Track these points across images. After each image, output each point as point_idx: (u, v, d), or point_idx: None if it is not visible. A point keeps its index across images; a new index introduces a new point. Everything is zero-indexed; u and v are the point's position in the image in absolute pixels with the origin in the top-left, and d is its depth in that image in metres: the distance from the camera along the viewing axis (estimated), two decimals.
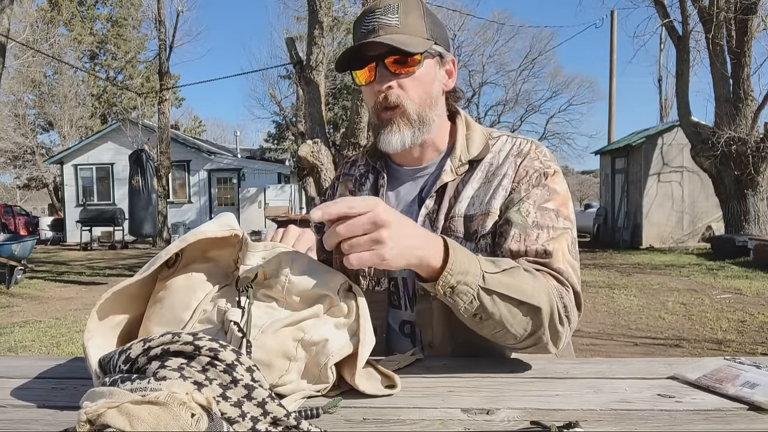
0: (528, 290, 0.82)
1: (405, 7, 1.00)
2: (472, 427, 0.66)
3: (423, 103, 1.03)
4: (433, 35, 1.02)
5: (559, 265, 0.93)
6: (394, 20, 0.99)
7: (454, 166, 1.04)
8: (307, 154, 6.33)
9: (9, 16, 9.11)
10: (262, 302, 0.77)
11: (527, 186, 0.99)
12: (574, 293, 0.92)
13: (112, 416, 0.52)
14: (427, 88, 1.03)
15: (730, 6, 10.03)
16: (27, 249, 9.28)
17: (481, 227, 0.99)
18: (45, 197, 30.33)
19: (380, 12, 1.00)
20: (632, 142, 13.28)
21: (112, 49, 29.79)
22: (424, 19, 1.02)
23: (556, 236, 0.95)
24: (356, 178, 1.18)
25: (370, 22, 1.00)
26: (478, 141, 1.07)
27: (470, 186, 1.03)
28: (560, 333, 0.87)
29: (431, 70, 1.03)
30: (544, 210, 0.97)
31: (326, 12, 6.98)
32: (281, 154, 26.84)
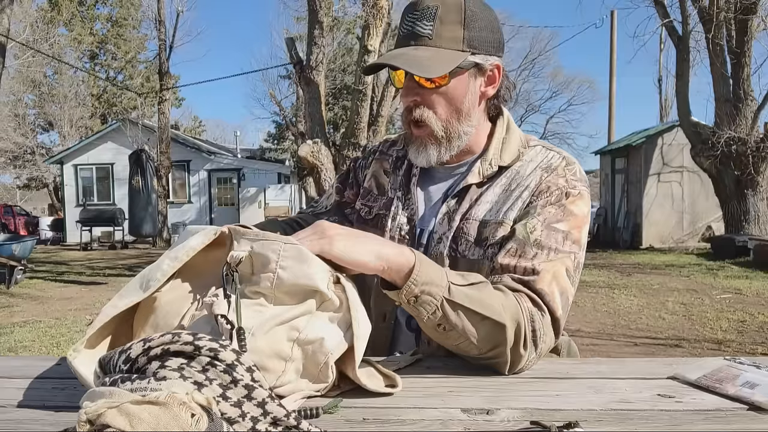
0: (494, 306, 0.82)
1: (444, 11, 0.95)
2: (472, 427, 0.66)
3: (450, 118, 1.00)
4: (471, 44, 0.96)
5: (542, 286, 0.88)
6: (428, 29, 0.95)
7: (482, 170, 1.02)
8: (307, 154, 6.33)
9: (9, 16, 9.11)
10: (251, 299, 0.76)
11: (545, 202, 0.95)
12: (552, 318, 0.88)
13: (112, 416, 0.52)
14: (457, 103, 0.99)
15: (730, 6, 10.03)
16: (27, 249, 9.28)
17: (492, 236, 0.96)
18: (45, 197, 30.33)
19: (418, 15, 0.96)
20: (632, 142, 13.28)
21: (112, 49, 29.77)
22: (464, 25, 0.95)
23: (555, 259, 0.91)
24: (395, 159, 1.16)
25: (408, 24, 0.97)
26: (513, 147, 1.04)
27: (492, 191, 1.01)
28: (521, 357, 0.84)
29: (462, 84, 0.98)
30: (551, 230, 0.93)
31: (326, 12, 6.98)
32: (281, 154, 26.83)
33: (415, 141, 1.02)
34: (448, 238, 1.00)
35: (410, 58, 0.94)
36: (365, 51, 6.61)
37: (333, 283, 0.76)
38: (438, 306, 0.79)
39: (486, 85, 1.02)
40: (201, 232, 0.80)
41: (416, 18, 0.96)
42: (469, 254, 0.98)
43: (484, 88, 1.02)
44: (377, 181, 1.16)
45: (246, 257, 0.76)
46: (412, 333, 1.04)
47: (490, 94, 1.03)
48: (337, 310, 0.76)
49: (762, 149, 10.01)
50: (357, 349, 0.74)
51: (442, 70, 0.94)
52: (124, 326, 0.83)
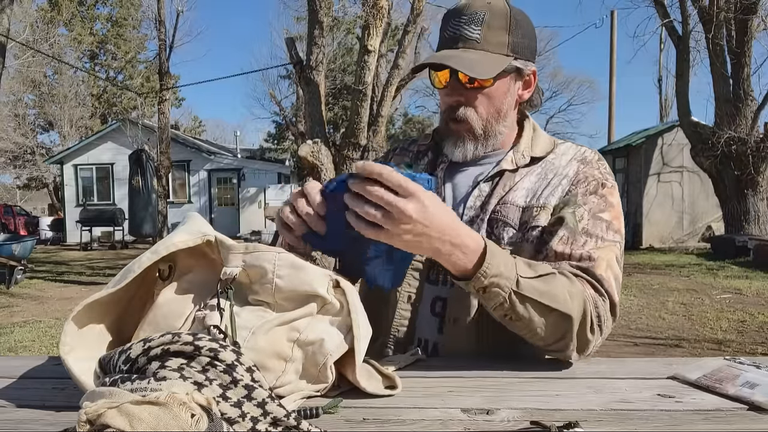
0: (561, 298, 0.84)
1: (491, 17, 0.99)
2: (472, 427, 0.66)
3: (490, 118, 1.04)
4: (515, 49, 1.01)
5: (601, 272, 0.93)
6: (476, 33, 0.99)
7: (515, 159, 1.06)
8: (307, 154, 6.33)
9: (9, 16, 9.11)
10: (254, 306, 0.77)
11: (584, 191, 1.00)
12: (611, 303, 0.92)
13: (112, 416, 0.52)
14: (497, 103, 1.04)
15: (730, 6, 10.03)
16: (27, 249, 9.28)
17: (533, 219, 1.00)
18: (45, 197, 30.33)
19: (465, 19, 0.99)
20: (632, 142, 13.29)
21: (112, 49, 29.78)
22: (509, 31, 1.00)
23: (603, 246, 0.96)
24: (414, 153, 1.19)
25: (454, 27, 1.00)
26: (543, 143, 1.09)
27: (528, 178, 1.04)
28: (590, 341, 0.88)
29: (504, 86, 1.03)
30: (597, 219, 0.97)
31: (326, 12, 6.98)
32: (281, 154, 26.85)
33: (453, 136, 1.06)
34: (483, 221, 1.02)
35: (461, 60, 0.97)
36: (365, 51, 6.61)
37: (333, 287, 0.76)
38: (506, 298, 0.80)
39: (523, 89, 1.08)
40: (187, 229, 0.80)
41: (464, 22, 0.99)
42: (506, 237, 1.00)
43: (521, 92, 1.07)
44: None
45: (240, 272, 0.76)
46: (435, 317, 1.04)
47: (526, 97, 1.09)
48: (338, 314, 0.76)
49: (762, 149, 10.01)
50: (357, 351, 0.74)
51: (490, 73, 0.98)
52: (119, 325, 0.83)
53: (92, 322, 0.79)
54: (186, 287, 0.81)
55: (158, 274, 0.84)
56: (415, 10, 7.08)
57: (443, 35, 1.03)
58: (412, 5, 7.15)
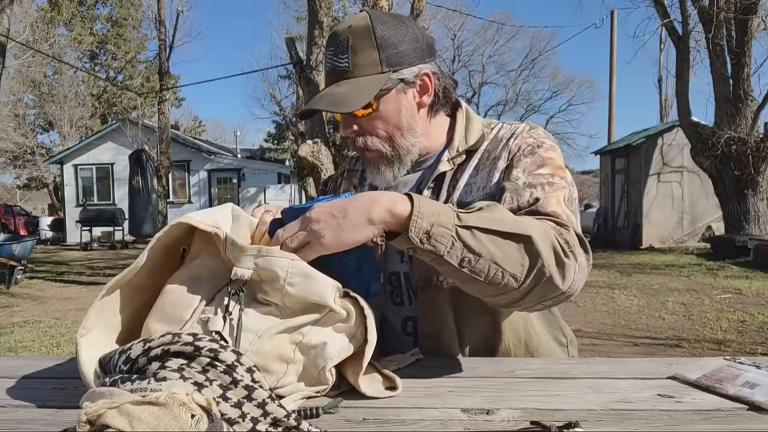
0: (511, 220, 0.79)
1: (354, 41, 0.96)
2: (472, 427, 0.66)
3: (393, 137, 1.01)
4: (390, 62, 0.96)
5: (552, 209, 0.88)
6: (344, 63, 0.96)
7: (450, 156, 1.04)
8: (307, 154, 6.33)
9: (9, 16, 9.11)
10: (261, 305, 0.77)
11: (518, 158, 0.98)
12: (577, 235, 0.85)
13: (112, 416, 0.52)
14: (393, 121, 1.00)
15: (730, 6, 10.03)
16: (27, 249, 9.28)
17: None
18: (45, 197, 30.33)
19: (333, 50, 0.98)
20: (632, 142, 13.28)
21: (112, 49, 29.78)
22: (377, 48, 0.95)
23: (552, 190, 0.92)
24: (361, 172, 1.17)
25: (328, 61, 0.99)
26: (476, 132, 1.06)
27: (467, 173, 1.03)
28: (566, 265, 0.79)
29: (393, 102, 0.99)
30: (535, 175, 0.95)
31: (326, 12, 6.98)
32: (281, 154, 26.84)
33: (369, 164, 1.04)
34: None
35: (332, 98, 0.96)
36: None
37: (340, 297, 0.76)
38: (453, 236, 0.74)
39: (420, 95, 1.01)
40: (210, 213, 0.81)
41: (332, 54, 0.98)
42: None
43: (419, 99, 1.01)
44: None
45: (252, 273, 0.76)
46: (409, 336, 1.04)
47: (428, 101, 1.02)
48: (343, 321, 0.76)
49: (762, 149, 10.01)
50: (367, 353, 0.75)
51: (363, 101, 0.95)
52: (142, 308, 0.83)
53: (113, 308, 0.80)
54: (194, 273, 0.81)
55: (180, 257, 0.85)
56: (415, 10, 7.08)
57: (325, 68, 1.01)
58: (412, 5, 7.15)
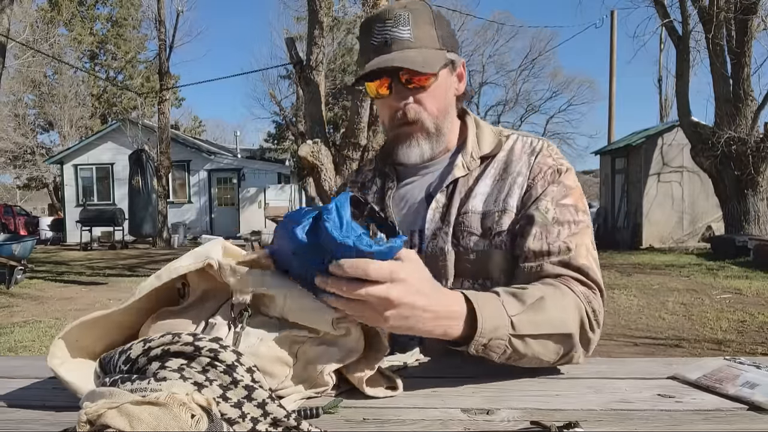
0: (557, 320, 0.82)
1: (415, 17, 0.99)
2: (472, 427, 0.66)
3: (439, 114, 1.04)
4: (444, 43, 1.01)
5: (582, 261, 0.93)
6: (406, 33, 0.98)
7: (465, 162, 1.05)
8: (307, 154, 6.33)
9: (9, 16, 9.11)
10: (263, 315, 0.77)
11: (543, 183, 1.00)
12: (599, 290, 0.92)
13: (112, 417, 0.52)
14: (442, 99, 1.04)
15: (730, 6, 10.03)
16: (27, 249, 9.28)
17: (497, 225, 0.99)
18: (45, 197, 30.34)
19: (391, 23, 0.98)
20: (632, 142, 13.29)
21: (112, 49, 29.79)
22: (435, 27, 1.01)
23: (578, 231, 0.96)
24: (362, 184, 1.18)
25: (380, 32, 0.99)
26: (489, 139, 1.07)
27: (483, 183, 1.03)
28: (591, 340, 0.88)
29: (445, 80, 1.04)
30: (562, 206, 0.97)
31: (326, 12, 6.98)
32: (281, 154, 26.83)
33: (407, 139, 1.04)
34: (447, 233, 1.01)
35: (407, 59, 0.96)
36: None
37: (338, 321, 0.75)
38: (507, 345, 0.78)
39: (458, 82, 1.08)
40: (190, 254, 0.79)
41: (391, 25, 0.99)
42: (473, 246, 1.00)
43: (457, 85, 1.08)
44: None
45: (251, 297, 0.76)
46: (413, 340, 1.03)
47: (461, 90, 1.09)
48: (343, 336, 0.75)
49: (762, 149, 10.01)
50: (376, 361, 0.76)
51: (435, 66, 0.98)
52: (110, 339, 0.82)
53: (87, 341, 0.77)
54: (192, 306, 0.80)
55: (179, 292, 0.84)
56: None
57: (370, 43, 1.01)
58: None
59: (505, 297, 0.81)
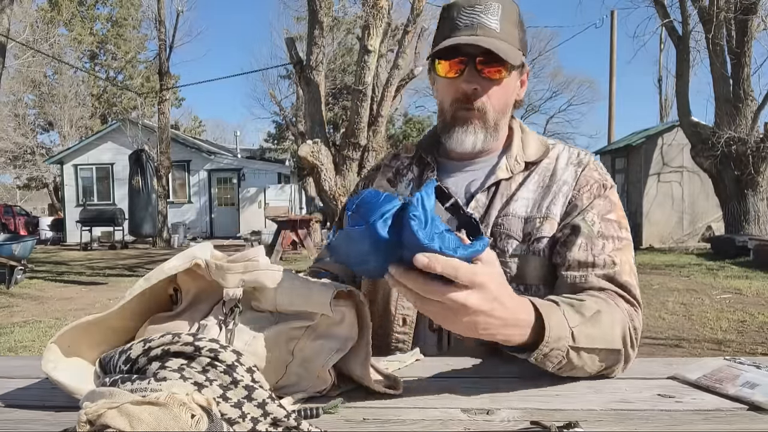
0: (609, 335, 0.82)
1: (505, 12, 0.99)
2: (472, 427, 0.66)
3: (501, 110, 1.04)
4: (522, 45, 1.02)
5: (626, 278, 0.94)
6: (494, 23, 0.98)
7: (509, 165, 1.04)
8: (307, 154, 6.33)
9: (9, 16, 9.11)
10: (256, 311, 0.77)
11: (589, 195, 1.00)
12: (640, 308, 0.94)
13: (112, 417, 0.52)
14: (507, 97, 1.04)
15: (730, 6, 10.03)
16: (27, 249, 9.28)
17: (537, 231, 0.99)
18: (45, 197, 30.33)
19: (480, 9, 0.98)
20: (632, 142, 13.29)
21: (112, 49, 29.78)
22: (518, 28, 1.02)
23: (621, 247, 0.96)
24: (397, 170, 1.17)
25: (469, 16, 0.98)
26: (534, 145, 1.08)
27: (526, 188, 1.03)
28: (630, 357, 0.88)
29: (514, 80, 1.04)
30: (607, 221, 0.98)
31: (326, 12, 6.98)
32: (281, 154, 26.84)
33: (465, 123, 1.03)
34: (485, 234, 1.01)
35: (492, 44, 0.96)
36: (365, 51, 6.61)
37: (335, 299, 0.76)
38: (564, 356, 0.78)
39: (520, 87, 1.08)
40: (178, 256, 0.79)
41: (480, 11, 0.98)
42: (510, 249, 0.99)
43: (519, 90, 1.08)
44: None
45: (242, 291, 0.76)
46: (434, 333, 1.03)
47: (521, 96, 1.09)
48: (337, 324, 0.76)
49: (762, 149, 10.01)
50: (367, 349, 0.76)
51: (517, 60, 0.98)
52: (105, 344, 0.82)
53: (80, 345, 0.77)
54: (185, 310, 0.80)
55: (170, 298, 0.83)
56: (415, 10, 7.08)
57: (455, 23, 1.00)
58: (412, 5, 7.15)
59: (565, 307, 0.80)
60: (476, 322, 0.67)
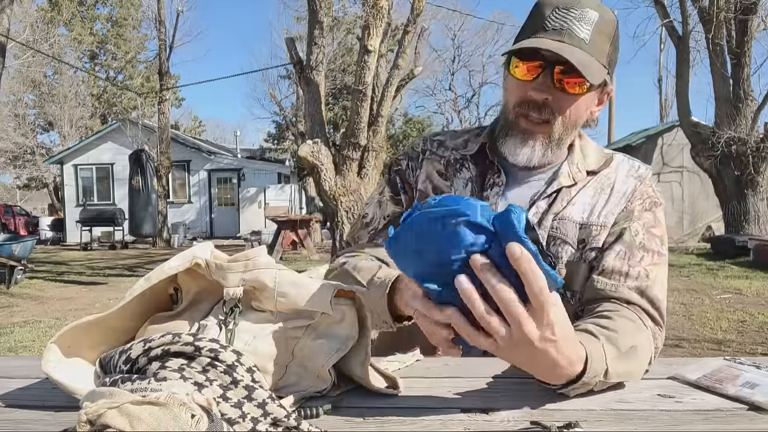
0: (638, 371, 0.80)
1: (601, 24, 0.92)
2: (472, 427, 0.66)
3: (569, 127, 0.98)
4: (610, 63, 0.95)
5: (656, 293, 0.92)
6: (585, 32, 0.90)
7: (572, 172, 1.02)
8: (307, 154, 6.33)
9: (9, 16, 9.11)
10: (256, 311, 0.77)
11: (640, 208, 0.99)
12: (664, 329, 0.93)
13: (113, 417, 0.52)
14: (580, 114, 0.98)
15: (730, 6, 10.03)
16: (27, 249, 9.28)
17: (592, 239, 0.98)
18: (45, 197, 30.34)
19: (574, 15, 0.91)
20: (632, 142, 13.30)
21: (112, 49, 29.79)
22: (611, 43, 0.94)
23: (659, 263, 0.95)
24: (449, 161, 1.08)
25: (559, 18, 0.91)
26: (594, 154, 1.05)
27: (584, 193, 1.01)
28: (646, 371, 0.85)
29: (591, 97, 0.98)
30: (651, 235, 0.97)
31: (326, 12, 6.98)
32: (281, 154, 26.85)
33: (524, 134, 0.97)
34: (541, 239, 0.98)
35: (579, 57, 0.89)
36: (365, 51, 6.61)
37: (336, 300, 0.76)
38: (591, 388, 0.73)
39: (596, 105, 1.02)
40: (178, 256, 0.79)
41: (574, 17, 0.91)
42: (565, 256, 0.98)
43: (594, 107, 1.02)
44: (432, 183, 1.09)
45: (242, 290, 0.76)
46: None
47: (596, 114, 1.03)
48: (338, 322, 0.76)
49: (762, 149, 10.02)
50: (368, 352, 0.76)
51: (597, 79, 0.91)
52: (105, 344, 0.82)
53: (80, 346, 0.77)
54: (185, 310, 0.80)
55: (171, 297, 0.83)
56: (415, 10, 7.08)
57: (542, 24, 0.92)
58: (412, 5, 7.15)
59: (604, 342, 0.76)
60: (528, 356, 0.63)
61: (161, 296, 0.82)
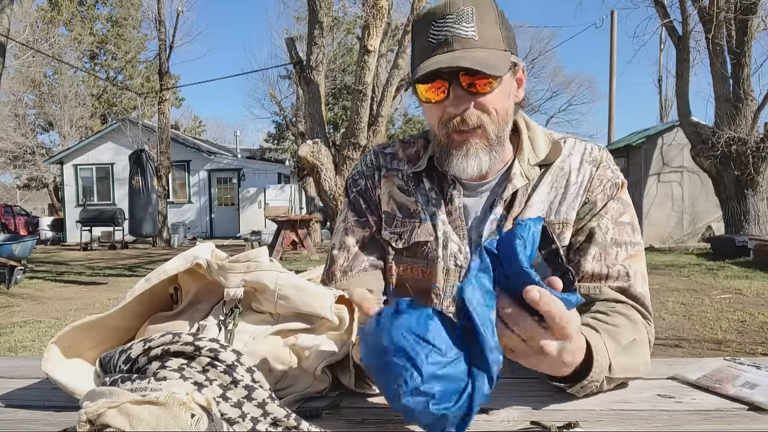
0: (641, 366, 0.81)
1: (480, 13, 0.89)
2: (472, 427, 0.66)
3: (501, 120, 0.94)
4: (508, 44, 0.92)
5: (639, 289, 0.91)
6: (471, 31, 0.88)
7: (524, 170, 0.99)
8: (307, 154, 6.33)
9: (9, 16, 9.11)
10: (256, 313, 0.77)
11: (603, 197, 0.97)
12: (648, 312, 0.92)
13: (112, 416, 0.52)
14: (504, 104, 0.94)
15: (730, 6, 10.03)
16: (27, 249, 9.28)
17: (558, 239, 0.95)
18: (45, 197, 30.33)
19: (452, 19, 0.88)
20: (632, 142, 13.29)
21: (112, 49, 29.78)
22: (499, 25, 0.91)
23: (634, 253, 0.94)
24: (408, 176, 1.05)
25: (440, 30, 0.89)
26: (543, 143, 1.02)
27: (540, 190, 0.98)
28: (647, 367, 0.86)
29: (507, 85, 0.94)
30: (621, 225, 0.95)
31: (326, 12, 6.98)
32: (281, 154, 26.84)
33: (463, 147, 0.94)
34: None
35: (474, 59, 0.86)
36: (365, 51, 6.61)
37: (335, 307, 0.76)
38: (598, 386, 0.75)
39: (517, 88, 0.99)
40: (179, 256, 0.79)
41: (452, 21, 0.89)
42: None
43: (516, 91, 0.99)
44: (396, 201, 1.05)
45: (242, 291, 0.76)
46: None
47: (521, 97, 1.00)
48: (335, 328, 0.76)
49: (762, 149, 10.01)
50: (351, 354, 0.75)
51: (504, 68, 0.89)
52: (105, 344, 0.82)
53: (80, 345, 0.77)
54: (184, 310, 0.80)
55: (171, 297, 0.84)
56: (415, 10, 7.08)
57: (428, 41, 0.90)
58: (412, 5, 7.15)
59: (605, 336, 0.77)
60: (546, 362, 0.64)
61: (161, 296, 0.82)
